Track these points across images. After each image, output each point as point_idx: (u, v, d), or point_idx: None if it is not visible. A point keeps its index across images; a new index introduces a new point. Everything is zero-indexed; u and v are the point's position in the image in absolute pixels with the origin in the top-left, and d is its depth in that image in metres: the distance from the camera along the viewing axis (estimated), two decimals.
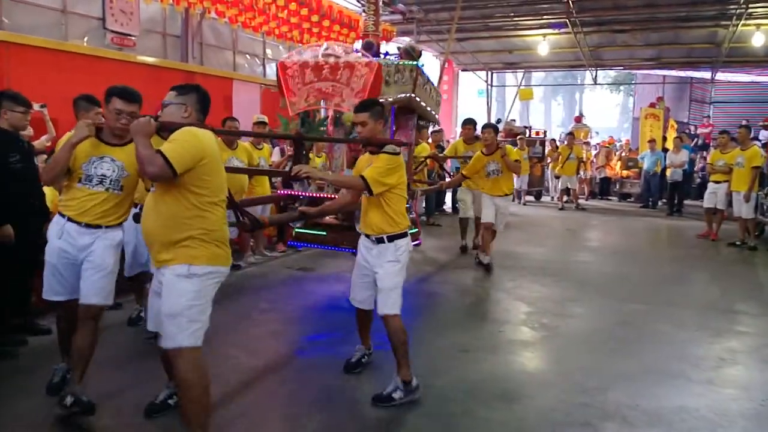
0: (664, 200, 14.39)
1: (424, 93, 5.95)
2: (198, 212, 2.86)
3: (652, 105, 17.83)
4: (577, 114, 23.23)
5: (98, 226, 3.44)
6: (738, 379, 4.18)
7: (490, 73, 21.44)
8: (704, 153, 15.99)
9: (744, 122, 12.25)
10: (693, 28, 15.39)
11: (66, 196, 3.48)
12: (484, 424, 3.43)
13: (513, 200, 7.74)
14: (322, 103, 5.61)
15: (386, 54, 5.93)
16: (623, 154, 17.86)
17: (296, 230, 5.57)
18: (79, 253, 3.42)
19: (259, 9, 9.96)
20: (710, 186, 9.87)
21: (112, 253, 3.50)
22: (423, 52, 18.42)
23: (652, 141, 14.99)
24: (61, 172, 3.36)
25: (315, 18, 10.71)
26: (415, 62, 5.62)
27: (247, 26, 10.77)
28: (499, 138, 16.83)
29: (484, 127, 7.25)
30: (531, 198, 15.97)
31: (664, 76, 21.16)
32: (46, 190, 5.10)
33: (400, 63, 5.56)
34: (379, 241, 3.74)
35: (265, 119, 7.52)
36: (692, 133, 18.48)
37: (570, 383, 4.04)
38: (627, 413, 3.57)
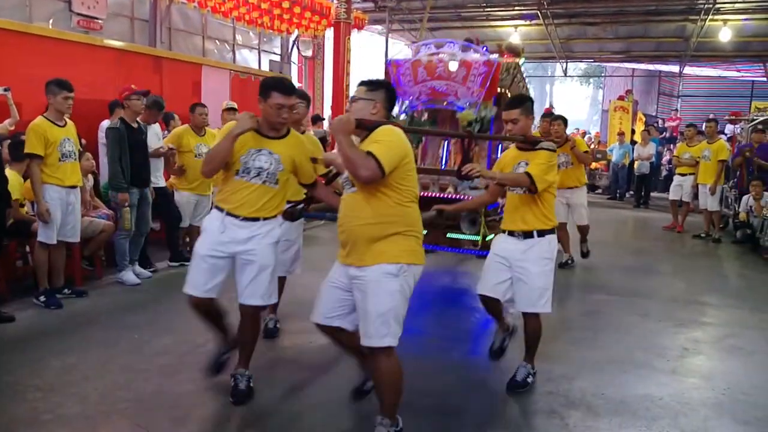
0: (632, 192, 14.64)
1: (518, 89, 5.87)
2: (401, 209, 2.89)
3: (621, 98, 18.08)
4: (547, 105, 23.41)
5: (256, 219, 3.38)
6: (701, 368, 4.27)
7: None
8: (672, 146, 16.27)
9: (711, 116, 12.49)
10: (662, 22, 15.65)
11: (223, 189, 3.44)
12: (461, 413, 3.44)
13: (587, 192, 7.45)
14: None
15: (485, 49, 5.75)
16: (593, 146, 18.09)
17: None
18: (237, 246, 3.36)
19: None
20: (676, 179, 10.05)
21: (273, 251, 3.46)
22: (395, 41, 18.39)
23: (621, 134, 15.21)
24: (221, 164, 3.32)
25: (286, 4, 10.61)
26: (518, 60, 5.65)
27: (216, 11, 10.60)
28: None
29: (554, 118, 6.95)
30: None
31: (633, 70, 21.45)
32: (9, 174, 4.98)
33: (504, 60, 5.52)
34: (527, 236, 3.66)
35: (235, 105, 7.39)
36: (661, 126, 18.79)
37: (547, 377, 4.06)
38: (592, 401, 3.62)
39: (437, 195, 5.29)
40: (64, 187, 5.00)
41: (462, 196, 5.22)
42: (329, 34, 13.02)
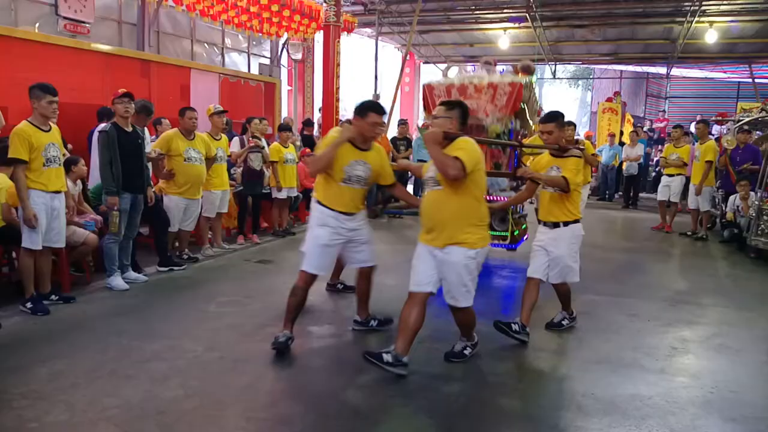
0: (620, 193, 14.70)
1: (533, 103, 6.65)
2: (476, 204, 3.83)
3: (610, 99, 18.18)
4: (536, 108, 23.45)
5: (357, 212, 4.37)
6: (689, 367, 4.29)
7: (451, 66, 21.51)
8: (660, 147, 16.38)
9: (699, 117, 12.58)
10: (649, 24, 15.75)
11: (329, 192, 4.28)
12: (445, 415, 3.44)
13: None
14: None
15: (502, 71, 6.59)
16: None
17: None
18: (349, 233, 4.34)
19: None
20: (663, 179, 10.11)
21: (370, 229, 4.54)
22: (384, 44, 18.41)
23: (611, 135, 15.29)
24: (326, 167, 4.17)
25: (275, 7, 10.59)
26: (530, 78, 6.33)
27: (205, 14, 10.56)
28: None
29: (567, 124, 7.38)
30: None
31: (621, 71, 21.59)
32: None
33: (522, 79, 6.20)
34: (555, 225, 4.63)
35: (222, 109, 7.36)
36: (650, 127, 18.90)
37: (524, 372, 4.11)
38: (582, 402, 3.63)
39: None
40: (48, 193, 4.95)
41: (494, 198, 5.98)
42: (319, 37, 13.01)
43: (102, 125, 5.94)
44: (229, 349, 4.30)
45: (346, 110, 24.25)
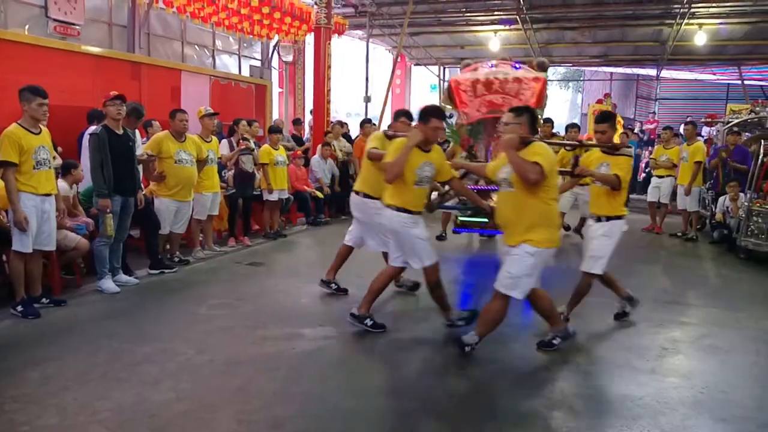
0: None
1: (545, 98, 6.69)
2: (546, 207, 4.01)
3: (600, 101, 18.28)
4: None
5: (421, 212, 4.68)
6: (680, 368, 4.32)
7: (442, 68, 21.59)
8: (650, 148, 16.47)
9: (688, 118, 12.67)
10: (639, 26, 15.84)
11: (408, 196, 4.54)
12: (438, 418, 3.44)
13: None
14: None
15: (518, 66, 6.60)
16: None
17: (461, 218, 6.47)
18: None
19: None
20: (653, 180, 10.17)
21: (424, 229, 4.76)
22: (375, 46, 18.41)
23: None
24: (401, 172, 4.41)
25: (266, 9, 10.59)
26: (545, 75, 6.49)
27: (195, 16, 10.55)
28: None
29: (572, 126, 7.53)
30: None
31: (612, 73, 21.70)
32: None
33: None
34: (599, 219, 4.89)
35: (212, 111, 7.34)
36: (640, 129, 19.00)
37: (517, 373, 4.12)
38: (574, 402, 3.65)
39: (486, 187, 6.14)
40: (38, 195, 4.91)
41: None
42: (310, 39, 13.02)
43: (92, 128, 5.92)
44: (220, 352, 4.29)
45: (337, 112, 24.27)
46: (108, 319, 4.93)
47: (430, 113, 4.53)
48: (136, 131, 6.46)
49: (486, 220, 6.18)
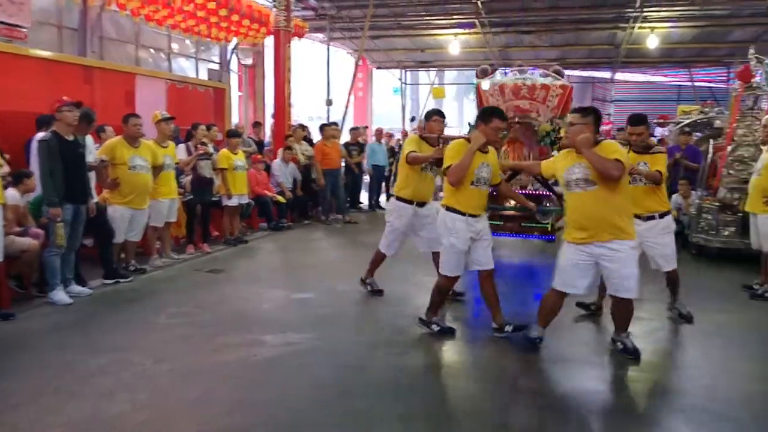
0: None
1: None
2: (628, 200, 4.16)
3: None
4: None
5: (482, 214, 4.64)
6: (636, 362, 4.37)
7: (403, 71, 21.65)
8: None
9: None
10: (594, 30, 16.17)
11: (460, 196, 4.51)
12: (398, 419, 3.40)
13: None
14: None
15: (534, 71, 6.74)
16: None
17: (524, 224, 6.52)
18: (476, 234, 4.56)
19: (163, 1, 9.58)
20: None
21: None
22: (336, 49, 18.35)
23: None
24: (465, 175, 4.39)
25: (223, 12, 10.44)
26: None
27: (150, 19, 10.33)
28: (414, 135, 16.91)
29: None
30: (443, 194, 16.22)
31: (569, 76, 22.03)
32: None
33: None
34: (650, 218, 4.98)
35: (168, 115, 7.20)
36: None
37: (481, 373, 4.14)
38: (532, 399, 3.69)
39: (537, 192, 6.39)
40: None
41: (541, 192, 6.29)
42: (269, 42, 12.89)
43: (41, 134, 5.73)
44: (179, 361, 4.19)
45: (299, 115, 24.13)
46: (60, 332, 4.78)
47: (492, 113, 4.55)
48: (89, 137, 6.29)
49: (501, 222, 6.44)
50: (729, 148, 7.87)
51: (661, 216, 5.04)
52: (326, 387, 3.80)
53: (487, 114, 4.57)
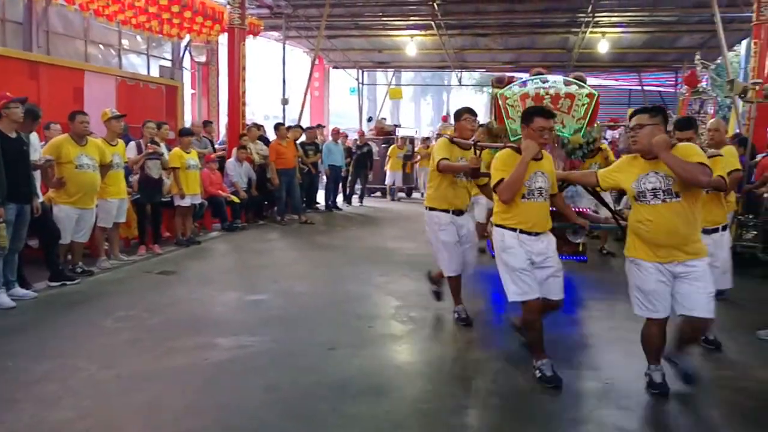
0: None
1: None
2: (699, 210, 3.64)
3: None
4: (444, 114, 24.05)
5: (543, 232, 4.01)
6: (589, 360, 4.46)
7: (361, 71, 21.64)
8: None
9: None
10: (547, 34, 16.49)
11: (511, 212, 3.95)
12: (351, 420, 3.40)
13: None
14: None
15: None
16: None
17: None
18: (536, 257, 3.95)
19: None
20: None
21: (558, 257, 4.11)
22: (292, 48, 18.23)
23: None
24: (520, 188, 3.86)
25: (176, 8, 10.22)
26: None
27: (99, 14, 10.04)
28: (370, 136, 17.03)
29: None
30: (403, 194, 16.32)
31: (523, 81, 22.39)
32: None
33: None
34: (714, 231, 4.59)
35: (118, 113, 7.01)
36: None
37: (437, 373, 4.14)
38: (488, 399, 3.72)
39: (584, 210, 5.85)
40: None
41: (583, 209, 5.80)
42: (223, 39, 12.69)
43: None
44: (127, 366, 4.07)
45: (254, 114, 23.83)
46: (1, 337, 4.58)
47: (532, 113, 4.01)
48: (35, 134, 6.07)
49: (579, 244, 5.82)
50: None
51: (724, 228, 4.73)
52: (280, 389, 3.75)
53: (528, 115, 4.03)
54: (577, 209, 5.46)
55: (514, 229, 3.94)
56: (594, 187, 4.31)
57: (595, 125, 6.03)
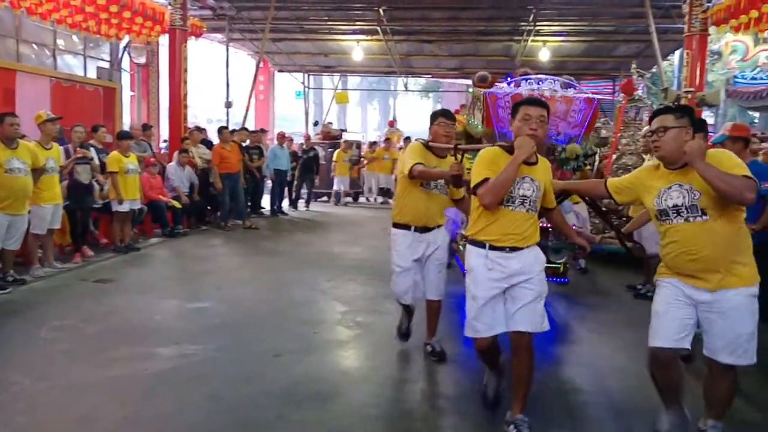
0: None
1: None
2: (743, 232, 2.97)
3: (457, 112, 19.04)
4: (390, 119, 24.20)
5: (523, 247, 3.22)
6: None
7: (306, 75, 21.54)
8: None
9: None
10: (491, 41, 16.85)
11: (484, 219, 3.25)
12: (297, 427, 3.36)
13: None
14: None
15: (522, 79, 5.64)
16: None
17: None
18: (507, 280, 3.22)
19: None
20: None
21: (544, 280, 3.30)
22: (237, 51, 17.98)
23: None
24: (506, 194, 3.16)
25: (114, 8, 9.91)
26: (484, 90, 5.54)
27: (33, 13, 9.61)
28: (316, 140, 16.94)
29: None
30: (349, 199, 16.30)
31: (467, 85, 22.76)
32: None
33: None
34: None
35: (53, 116, 6.75)
36: None
37: (383, 378, 4.13)
38: (435, 402, 3.74)
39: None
40: None
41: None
42: (164, 41, 12.40)
43: None
44: (62, 378, 3.91)
45: (196, 117, 23.36)
46: None
47: (521, 103, 3.32)
48: None
49: (559, 265, 5.26)
50: (614, 156, 8.37)
51: None
52: (224, 399, 3.67)
53: (515, 106, 3.35)
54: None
55: (482, 245, 3.24)
56: (602, 200, 3.70)
57: (591, 135, 5.55)
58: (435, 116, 4.38)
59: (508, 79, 5.62)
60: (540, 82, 5.38)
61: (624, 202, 3.40)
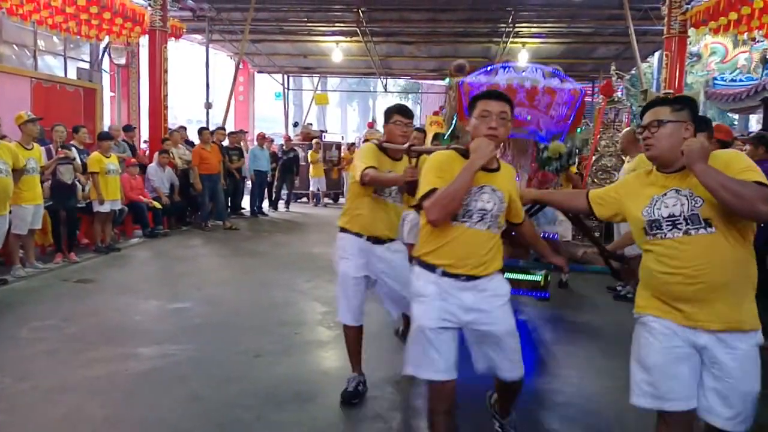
0: None
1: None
2: (752, 257, 2.30)
3: (436, 113, 19.24)
4: (370, 120, 24.28)
5: (482, 276, 2.65)
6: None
7: (286, 76, 21.56)
8: None
9: None
10: (470, 43, 16.98)
11: (434, 238, 2.66)
12: (277, 427, 3.43)
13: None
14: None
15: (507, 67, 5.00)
16: None
17: (508, 276, 4.09)
18: (466, 314, 2.65)
19: None
20: None
21: (510, 314, 2.70)
22: (216, 52, 17.95)
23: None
24: (460, 206, 2.57)
25: (94, 9, 9.88)
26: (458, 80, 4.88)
27: (13, 13, 9.55)
28: (296, 141, 16.96)
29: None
30: (329, 200, 16.37)
31: (447, 87, 22.95)
32: None
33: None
34: None
35: (34, 116, 6.75)
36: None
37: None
38: (414, 403, 3.80)
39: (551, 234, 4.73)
40: None
41: (546, 233, 4.68)
42: (144, 42, 12.38)
43: None
44: (43, 378, 3.95)
45: (177, 118, 23.26)
46: None
47: (476, 97, 2.80)
48: None
49: (539, 278, 4.60)
50: (593, 158, 8.52)
51: None
52: (204, 399, 3.73)
53: (473, 100, 2.80)
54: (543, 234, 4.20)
55: (433, 268, 2.68)
56: (581, 214, 2.99)
57: (578, 131, 4.92)
58: (390, 113, 3.72)
59: (487, 68, 4.88)
60: (521, 72, 4.71)
61: (605, 216, 2.67)
